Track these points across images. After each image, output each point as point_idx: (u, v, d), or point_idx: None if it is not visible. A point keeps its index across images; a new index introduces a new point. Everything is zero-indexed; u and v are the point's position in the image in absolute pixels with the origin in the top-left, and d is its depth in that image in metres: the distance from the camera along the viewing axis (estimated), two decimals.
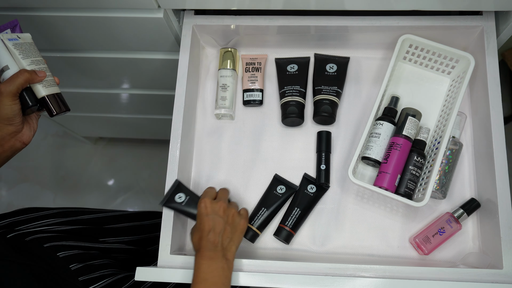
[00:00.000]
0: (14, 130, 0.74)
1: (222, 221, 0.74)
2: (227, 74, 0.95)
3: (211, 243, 0.72)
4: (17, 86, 0.71)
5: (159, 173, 1.88)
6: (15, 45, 0.75)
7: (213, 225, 0.73)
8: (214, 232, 0.73)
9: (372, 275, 0.77)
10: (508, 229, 0.78)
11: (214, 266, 0.71)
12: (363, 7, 0.83)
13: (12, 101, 0.71)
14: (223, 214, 0.75)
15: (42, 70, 0.76)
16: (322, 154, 0.90)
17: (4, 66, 0.74)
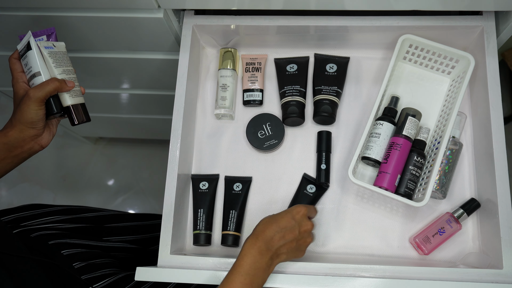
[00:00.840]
0: (35, 134, 0.76)
1: (296, 235, 0.72)
2: (227, 74, 0.95)
3: (273, 240, 0.69)
4: (46, 93, 0.73)
5: (159, 173, 1.88)
6: (50, 53, 0.78)
7: (289, 229, 0.71)
8: (283, 235, 0.70)
9: (372, 275, 0.77)
10: (508, 229, 0.78)
11: (260, 263, 0.68)
12: (363, 7, 0.83)
13: (38, 107, 0.73)
14: (302, 232, 0.73)
15: (71, 79, 0.79)
16: (323, 154, 0.90)
17: (36, 72, 0.75)
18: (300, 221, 0.73)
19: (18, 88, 0.77)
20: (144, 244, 1.05)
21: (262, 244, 0.69)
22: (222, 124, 0.96)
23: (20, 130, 0.74)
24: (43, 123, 0.76)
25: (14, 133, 0.74)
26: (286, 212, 0.73)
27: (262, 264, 0.68)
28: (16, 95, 0.77)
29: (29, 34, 0.76)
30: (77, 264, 0.84)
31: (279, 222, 0.71)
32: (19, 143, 0.75)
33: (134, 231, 1.05)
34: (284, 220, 0.71)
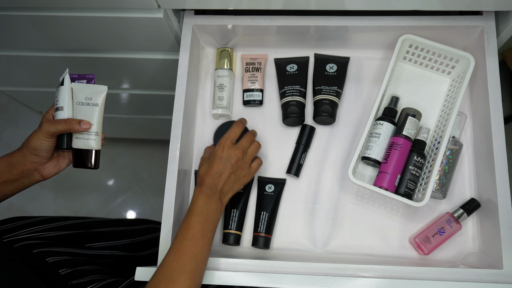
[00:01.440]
0: (37, 161, 0.78)
1: (230, 170, 0.79)
2: (224, 74, 0.95)
3: (214, 184, 0.77)
4: (56, 130, 0.76)
5: (159, 173, 1.88)
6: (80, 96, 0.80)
7: (221, 170, 0.78)
8: (219, 176, 0.78)
9: (372, 275, 0.77)
10: (508, 229, 0.78)
11: (210, 205, 0.76)
12: (363, 7, 0.83)
13: (45, 138, 0.76)
14: (234, 163, 0.79)
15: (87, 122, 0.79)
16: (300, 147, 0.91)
17: (59, 106, 0.79)
18: (228, 155, 0.79)
19: (44, 117, 0.81)
20: (133, 249, 1.04)
21: (207, 189, 0.77)
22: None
23: (24, 154, 0.78)
24: (47, 154, 0.78)
25: (18, 155, 0.78)
26: (214, 155, 0.80)
27: (213, 205, 0.76)
28: (40, 122, 0.80)
29: (66, 72, 0.80)
30: (64, 270, 0.84)
31: (212, 168, 0.78)
32: (20, 165, 0.78)
33: (120, 235, 1.04)
34: (215, 164, 0.78)
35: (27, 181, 0.80)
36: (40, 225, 0.93)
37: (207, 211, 0.75)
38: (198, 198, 0.76)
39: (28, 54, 1.11)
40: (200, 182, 0.78)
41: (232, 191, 0.81)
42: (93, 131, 0.80)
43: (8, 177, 0.78)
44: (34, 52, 1.10)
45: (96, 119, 0.80)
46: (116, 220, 1.08)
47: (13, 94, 1.41)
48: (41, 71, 1.20)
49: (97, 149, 0.81)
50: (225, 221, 0.89)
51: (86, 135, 0.79)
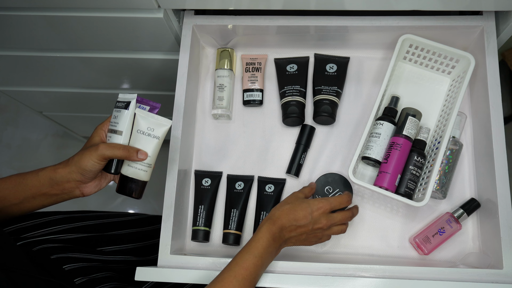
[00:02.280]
0: (81, 180, 0.76)
1: (307, 230, 0.76)
2: (224, 74, 0.95)
3: (286, 229, 0.75)
4: (113, 155, 0.74)
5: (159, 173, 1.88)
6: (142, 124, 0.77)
7: (302, 224, 0.75)
8: (296, 228, 0.75)
9: (372, 275, 0.77)
10: (508, 229, 0.78)
11: (271, 248, 0.73)
12: (363, 7, 0.83)
13: (99, 161, 0.73)
14: (315, 228, 0.76)
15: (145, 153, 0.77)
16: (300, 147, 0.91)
17: (118, 130, 0.76)
18: (317, 220, 0.76)
19: (96, 134, 0.78)
20: (142, 253, 1.04)
21: (277, 231, 0.74)
22: (222, 124, 0.96)
23: (70, 171, 0.75)
24: (93, 175, 0.76)
25: (63, 171, 0.75)
26: (307, 206, 0.76)
27: (273, 249, 0.74)
28: (91, 139, 0.78)
29: (134, 96, 0.76)
30: (78, 280, 0.84)
31: (296, 214, 0.75)
32: (62, 182, 0.76)
33: (134, 239, 1.04)
34: (301, 214, 0.75)
35: (67, 197, 0.79)
36: (58, 225, 0.93)
37: (266, 254, 0.72)
38: (265, 236, 0.73)
39: (28, 54, 1.11)
40: (275, 219, 0.75)
41: (291, 244, 0.78)
42: (147, 163, 0.78)
43: (48, 191, 0.76)
44: (34, 52, 1.10)
45: (152, 151, 0.78)
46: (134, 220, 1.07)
47: (13, 94, 1.41)
48: (41, 71, 1.20)
49: (145, 180, 0.79)
50: (225, 221, 0.89)
51: (139, 165, 0.77)
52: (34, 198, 0.77)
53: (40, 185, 0.76)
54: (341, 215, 0.79)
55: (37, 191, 0.77)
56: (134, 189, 0.78)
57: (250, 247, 0.72)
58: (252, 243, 0.73)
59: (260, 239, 0.73)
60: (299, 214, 0.75)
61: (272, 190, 0.90)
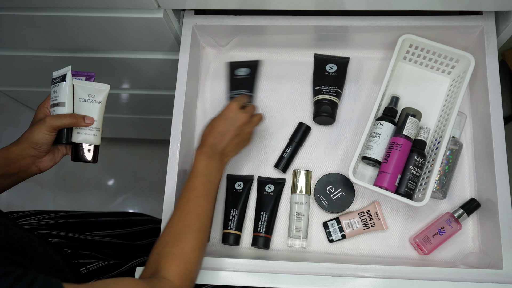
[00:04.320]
0: (35, 155, 0.78)
1: (234, 132, 0.80)
2: (302, 200, 0.88)
3: (215, 144, 0.79)
4: (61, 124, 0.77)
5: (159, 173, 1.88)
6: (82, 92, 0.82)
7: (226, 130, 0.79)
8: (222, 136, 0.79)
9: (372, 275, 0.77)
10: (508, 229, 0.78)
11: (211, 165, 0.78)
12: (363, 7, 0.83)
13: (49, 132, 0.77)
14: (239, 125, 0.80)
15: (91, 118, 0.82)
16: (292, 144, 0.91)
17: (61, 102, 0.80)
18: (234, 117, 0.80)
19: (39, 111, 0.82)
20: (130, 238, 1.05)
21: (208, 150, 0.78)
22: None
23: (23, 148, 0.77)
24: (46, 148, 0.79)
25: (16, 149, 0.77)
26: (220, 115, 0.81)
27: (214, 165, 0.78)
28: (35, 116, 0.82)
29: (69, 68, 0.81)
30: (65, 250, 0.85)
31: (216, 128, 0.79)
32: (18, 160, 0.78)
33: (117, 225, 1.05)
34: (219, 124, 0.79)
35: (24, 175, 0.81)
36: (38, 215, 0.94)
37: (209, 171, 0.77)
38: (200, 159, 0.77)
39: (28, 54, 1.11)
40: (202, 142, 0.79)
41: (233, 153, 0.82)
42: (95, 127, 0.82)
43: (5, 171, 0.78)
44: (34, 52, 1.10)
45: (97, 115, 0.82)
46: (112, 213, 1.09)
47: (13, 94, 1.41)
48: (41, 71, 1.20)
49: (97, 144, 0.83)
50: (224, 221, 0.89)
51: (88, 130, 0.82)
52: None
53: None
54: (251, 106, 0.85)
55: None
56: (89, 154, 0.82)
57: (191, 171, 0.77)
58: (192, 169, 0.77)
59: (197, 162, 0.77)
60: (217, 125, 0.79)
61: (272, 190, 0.90)
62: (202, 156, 0.78)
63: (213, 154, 0.78)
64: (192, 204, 0.74)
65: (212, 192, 0.77)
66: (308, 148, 0.93)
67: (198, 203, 0.74)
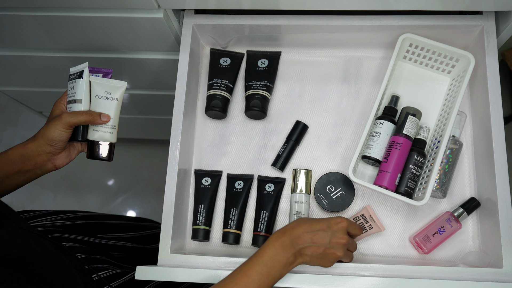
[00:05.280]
0: (51, 151, 0.78)
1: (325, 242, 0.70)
2: (301, 200, 0.88)
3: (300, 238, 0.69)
4: (77, 121, 0.77)
5: (159, 173, 1.88)
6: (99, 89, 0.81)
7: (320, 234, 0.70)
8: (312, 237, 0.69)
9: (372, 274, 0.77)
10: (508, 228, 0.78)
11: (280, 257, 0.68)
12: (363, 7, 0.83)
13: (65, 130, 0.76)
14: (333, 242, 0.70)
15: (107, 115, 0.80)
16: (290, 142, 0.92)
17: (78, 99, 0.79)
18: (336, 232, 0.71)
19: (56, 108, 0.81)
20: (140, 242, 1.05)
21: (287, 239, 0.69)
22: (221, 123, 0.96)
23: (39, 144, 0.77)
24: (62, 145, 0.78)
25: (32, 146, 0.77)
26: (325, 219, 0.72)
27: (283, 259, 0.68)
28: (52, 113, 0.81)
29: (86, 65, 0.80)
30: (79, 255, 0.85)
31: (312, 225, 0.70)
32: (33, 156, 0.78)
33: (127, 228, 1.05)
34: (318, 225, 0.70)
35: (40, 172, 0.81)
36: (51, 215, 0.94)
37: (273, 263, 0.67)
38: (271, 245, 0.68)
39: (29, 54, 1.11)
40: (288, 229, 0.70)
41: (309, 260, 0.71)
42: (111, 125, 0.81)
43: (20, 168, 0.78)
44: (34, 52, 1.10)
45: (114, 113, 0.81)
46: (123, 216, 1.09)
47: (13, 94, 1.41)
48: (41, 71, 1.20)
49: (113, 142, 0.82)
50: (224, 220, 0.89)
51: (104, 128, 0.81)
52: (8, 178, 0.79)
53: (12, 163, 0.78)
54: (354, 241, 0.76)
55: (10, 170, 0.78)
56: (104, 152, 0.82)
57: (256, 255, 0.69)
58: (258, 251, 0.69)
59: (266, 247, 0.69)
60: (316, 225, 0.70)
61: (272, 189, 0.90)
62: (275, 243, 0.68)
63: (289, 246, 0.68)
64: None
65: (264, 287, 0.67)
66: (308, 147, 0.94)
67: None
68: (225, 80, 0.95)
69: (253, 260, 0.68)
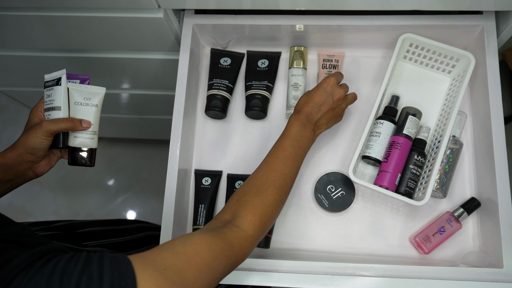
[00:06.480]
0: (32, 160, 0.78)
1: (330, 105, 0.81)
2: (298, 73, 0.94)
3: (311, 114, 0.79)
4: (58, 129, 0.76)
5: (159, 173, 1.88)
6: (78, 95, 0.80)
7: (322, 102, 0.80)
8: (319, 107, 0.80)
9: (372, 274, 0.77)
10: (508, 228, 0.78)
11: (304, 132, 0.78)
12: (363, 7, 0.83)
13: (46, 137, 0.76)
14: (336, 100, 0.81)
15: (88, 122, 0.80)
16: None
17: (56, 106, 0.79)
18: (332, 91, 0.81)
19: (33, 116, 0.80)
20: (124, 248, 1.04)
21: (304, 118, 0.79)
22: (222, 123, 0.96)
23: (19, 153, 0.76)
24: (43, 153, 0.78)
25: (12, 155, 0.76)
26: (318, 87, 0.81)
27: (306, 133, 0.79)
28: (30, 121, 0.80)
29: (63, 72, 0.80)
30: None
31: (314, 99, 0.80)
32: (14, 166, 0.77)
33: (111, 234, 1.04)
34: (317, 95, 0.80)
35: (21, 180, 0.80)
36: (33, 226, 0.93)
37: (300, 137, 0.77)
38: (294, 124, 0.78)
39: (28, 54, 1.11)
40: (298, 110, 0.80)
41: (326, 127, 0.83)
42: (91, 130, 0.81)
43: (1, 178, 0.77)
44: (34, 52, 1.10)
45: (94, 118, 0.81)
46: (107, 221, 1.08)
47: (13, 94, 1.41)
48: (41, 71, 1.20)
49: (94, 147, 0.82)
50: None
51: (85, 134, 0.81)
52: None
53: None
54: (345, 85, 0.86)
55: None
56: (86, 158, 0.82)
57: (283, 134, 0.78)
58: (284, 131, 0.78)
59: (290, 126, 0.78)
60: (315, 96, 0.80)
61: None
62: (297, 122, 0.78)
63: (307, 123, 0.79)
64: (279, 162, 0.74)
65: (299, 157, 0.77)
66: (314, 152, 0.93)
67: (285, 163, 0.74)
68: (225, 80, 0.95)
69: (284, 138, 0.77)
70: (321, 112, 0.80)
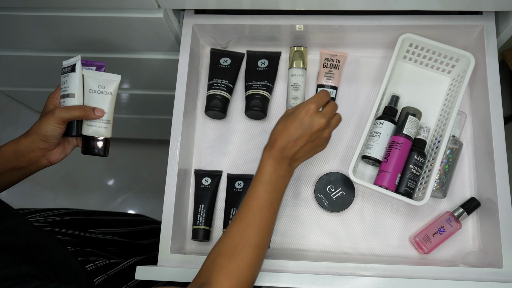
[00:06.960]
0: (45, 147, 0.77)
1: (308, 137, 0.72)
2: (298, 73, 0.94)
3: (286, 148, 0.71)
4: (70, 116, 0.75)
5: (159, 173, 1.88)
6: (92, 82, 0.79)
7: (299, 135, 0.71)
8: (295, 142, 0.71)
9: (372, 274, 0.77)
10: (508, 228, 0.78)
11: (279, 172, 0.71)
12: (363, 7, 0.83)
13: (58, 125, 0.75)
14: (315, 132, 0.72)
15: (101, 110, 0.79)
16: None
17: (71, 93, 0.78)
18: (310, 122, 0.71)
19: (49, 102, 0.79)
20: (132, 237, 1.04)
21: (277, 153, 0.71)
22: (222, 123, 0.96)
23: (32, 140, 0.76)
24: (56, 140, 0.77)
25: (26, 142, 0.76)
26: (295, 117, 0.72)
27: (281, 172, 0.72)
28: (45, 107, 0.79)
29: (78, 58, 0.78)
30: (69, 248, 0.85)
31: (289, 130, 0.71)
32: (27, 153, 0.76)
33: (119, 224, 1.04)
34: (293, 127, 0.71)
35: (34, 168, 0.79)
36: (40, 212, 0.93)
37: (275, 179, 0.71)
38: (267, 164, 0.71)
39: (28, 54, 1.11)
40: (271, 144, 0.72)
41: (304, 158, 0.75)
42: (105, 119, 0.79)
43: (15, 164, 0.77)
44: (34, 52, 1.10)
45: (108, 107, 0.79)
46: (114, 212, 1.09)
47: (13, 94, 1.41)
48: (41, 71, 1.20)
49: (108, 137, 0.81)
50: (224, 221, 0.90)
51: (98, 123, 0.79)
52: (2, 175, 0.78)
53: (6, 160, 0.76)
54: (330, 106, 0.75)
55: (4, 167, 0.77)
56: (99, 147, 0.81)
57: (256, 178, 0.71)
58: (257, 174, 0.72)
59: (263, 167, 0.71)
60: (291, 128, 0.71)
61: None
62: (270, 160, 0.71)
63: (282, 159, 0.71)
64: (253, 215, 0.69)
65: (276, 203, 0.71)
66: None
67: (259, 214, 0.69)
68: (225, 80, 0.95)
69: (257, 183, 0.71)
70: (297, 146, 0.71)
